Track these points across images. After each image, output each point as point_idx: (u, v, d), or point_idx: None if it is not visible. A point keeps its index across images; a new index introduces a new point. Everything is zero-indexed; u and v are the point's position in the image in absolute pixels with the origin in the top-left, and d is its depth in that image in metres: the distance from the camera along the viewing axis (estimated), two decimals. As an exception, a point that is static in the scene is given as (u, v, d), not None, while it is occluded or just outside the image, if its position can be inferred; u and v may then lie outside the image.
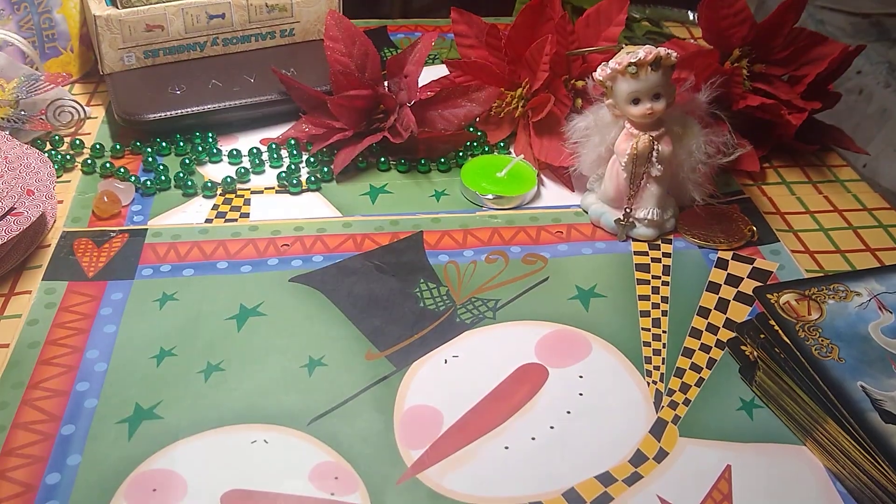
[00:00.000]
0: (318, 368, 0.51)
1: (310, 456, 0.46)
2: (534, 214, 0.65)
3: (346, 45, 0.69)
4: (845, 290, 0.51)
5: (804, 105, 0.69)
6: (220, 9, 0.73)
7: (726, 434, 0.48)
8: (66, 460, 0.45)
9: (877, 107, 1.32)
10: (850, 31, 1.42)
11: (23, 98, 0.67)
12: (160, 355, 0.51)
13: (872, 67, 1.35)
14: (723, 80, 0.62)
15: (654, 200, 0.61)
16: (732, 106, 0.68)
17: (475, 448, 0.47)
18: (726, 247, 0.62)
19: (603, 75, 0.58)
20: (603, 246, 0.62)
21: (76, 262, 0.58)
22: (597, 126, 0.62)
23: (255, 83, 0.72)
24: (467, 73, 0.71)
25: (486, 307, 0.56)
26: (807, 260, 0.62)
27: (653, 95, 0.57)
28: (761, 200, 0.68)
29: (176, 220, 0.62)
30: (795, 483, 0.46)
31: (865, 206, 0.68)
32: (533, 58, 0.67)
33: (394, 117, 0.67)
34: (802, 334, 0.48)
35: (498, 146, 0.72)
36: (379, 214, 0.64)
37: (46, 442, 0.45)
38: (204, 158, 0.69)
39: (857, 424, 0.43)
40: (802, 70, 0.70)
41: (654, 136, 0.59)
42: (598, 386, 0.51)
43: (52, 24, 0.75)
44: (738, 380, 0.52)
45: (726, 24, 0.69)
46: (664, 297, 0.57)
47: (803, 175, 0.72)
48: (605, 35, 0.70)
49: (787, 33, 0.70)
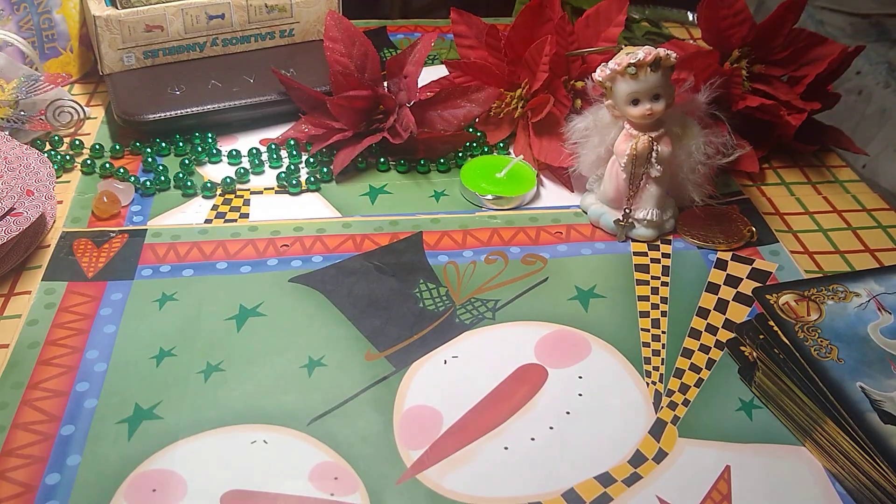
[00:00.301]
0: (318, 369, 0.51)
1: (309, 456, 0.46)
2: (533, 215, 0.65)
3: (346, 45, 0.69)
4: (844, 290, 0.51)
5: (803, 106, 0.69)
6: (220, 9, 0.73)
7: (725, 434, 0.48)
8: (66, 460, 0.45)
9: (876, 107, 1.32)
10: (850, 31, 1.42)
11: (23, 98, 0.67)
12: (160, 355, 0.51)
13: (872, 68, 1.35)
14: (722, 80, 0.62)
15: (653, 201, 0.61)
16: (732, 106, 0.68)
17: (475, 448, 0.47)
18: (725, 247, 0.62)
19: (602, 76, 0.58)
20: (602, 246, 0.62)
21: (76, 262, 0.58)
22: (596, 127, 0.62)
23: (254, 83, 0.72)
24: (467, 73, 0.71)
25: (486, 307, 0.56)
26: (806, 260, 0.62)
27: (652, 96, 0.57)
28: (760, 201, 0.68)
29: (175, 221, 0.62)
30: (794, 483, 0.46)
31: (865, 207, 0.68)
32: (532, 58, 0.67)
33: (393, 118, 0.67)
34: (802, 335, 0.48)
35: (497, 147, 0.72)
36: (378, 215, 0.64)
37: (46, 442, 0.45)
38: (203, 159, 0.69)
39: (856, 425, 0.44)
40: (802, 71, 0.71)
41: (653, 137, 0.59)
42: (597, 386, 0.51)
43: (51, 25, 0.75)
44: (738, 380, 0.52)
45: (726, 24, 0.69)
46: (663, 297, 0.57)
47: (803, 176, 0.72)
48: (605, 36, 0.70)
49: (787, 34, 0.70)
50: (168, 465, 0.45)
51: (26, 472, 0.44)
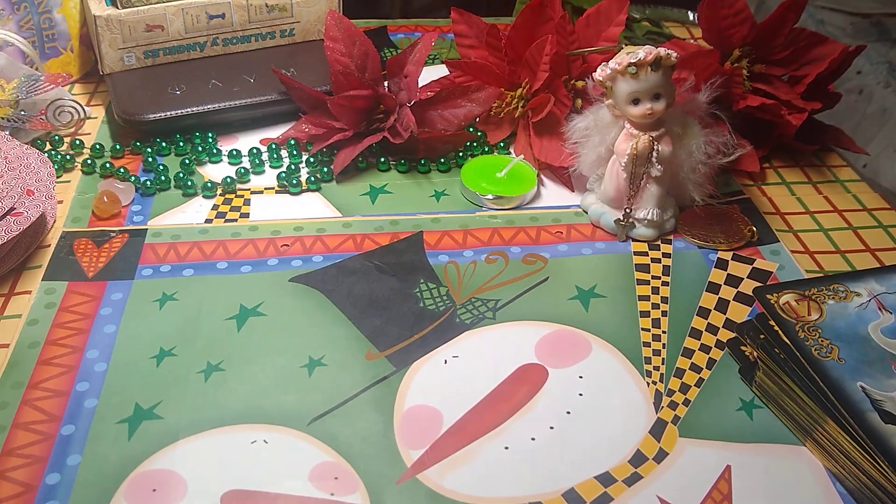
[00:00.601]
0: (318, 368, 0.51)
1: (309, 456, 0.46)
2: (534, 215, 0.65)
3: (346, 45, 0.69)
4: (845, 290, 0.51)
5: (804, 105, 0.69)
6: (220, 9, 0.73)
7: (726, 434, 0.48)
8: (66, 460, 0.45)
9: (877, 107, 1.32)
10: (851, 31, 1.42)
11: (23, 98, 0.67)
12: (160, 355, 0.51)
13: (873, 67, 1.35)
14: (723, 80, 0.62)
15: (653, 201, 0.61)
16: (732, 106, 0.68)
17: (475, 448, 0.47)
18: (726, 247, 0.62)
19: (603, 75, 0.58)
20: (603, 246, 0.62)
21: (76, 262, 0.58)
22: (597, 126, 0.62)
23: (255, 83, 0.72)
24: (467, 73, 0.71)
25: (486, 307, 0.56)
26: (807, 260, 0.62)
27: (653, 96, 0.57)
28: (761, 201, 0.68)
29: (176, 221, 0.62)
30: (795, 483, 0.46)
31: (865, 207, 0.68)
32: (533, 58, 0.67)
33: (394, 117, 0.67)
34: (802, 335, 0.48)
35: (498, 146, 0.72)
36: (379, 214, 0.64)
37: (46, 442, 0.45)
38: (204, 158, 0.69)
39: (856, 425, 0.43)
40: (802, 70, 0.70)
41: (653, 137, 0.59)
42: (597, 386, 0.51)
43: (52, 24, 0.75)
44: (738, 380, 0.52)
45: (726, 24, 0.69)
46: (664, 297, 0.57)
47: (803, 175, 0.72)
48: (605, 35, 0.70)
49: (788, 33, 0.70)
50: (168, 464, 0.45)
51: (26, 472, 0.44)
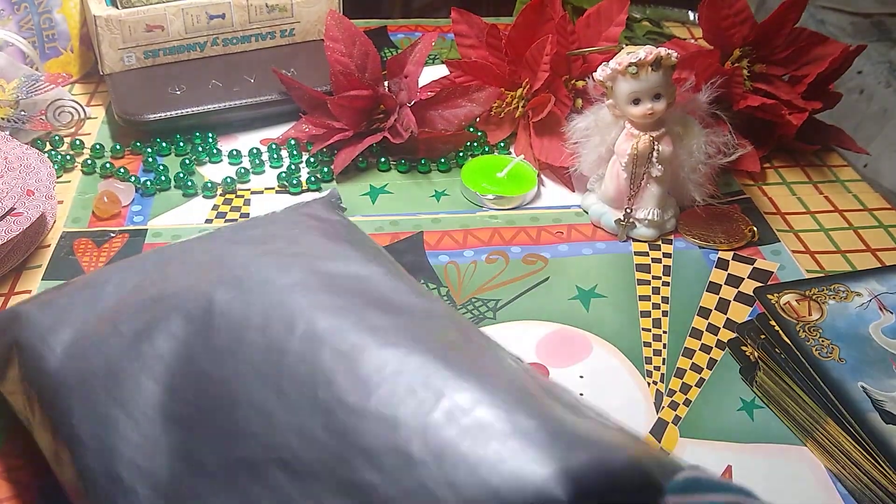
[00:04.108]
0: (319, 369, 0.51)
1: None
2: (534, 215, 0.65)
3: (347, 45, 0.69)
4: (846, 290, 0.51)
5: (805, 105, 0.69)
6: (220, 9, 0.73)
7: (727, 434, 0.48)
8: (66, 461, 0.45)
9: (878, 107, 1.32)
10: (851, 30, 1.42)
11: (23, 98, 0.67)
12: (160, 356, 0.51)
13: (873, 67, 1.35)
14: (723, 80, 0.62)
15: (654, 201, 0.61)
16: (733, 106, 0.68)
17: (475, 448, 0.47)
18: (727, 247, 0.62)
19: (603, 75, 0.58)
20: (603, 246, 0.62)
21: (76, 262, 0.58)
22: (597, 126, 0.62)
23: (255, 83, 0.72)
24: (467, 73, 0.71)
25: (487, 307, 0.56)
26: (807, 260, 0.61)
27: (653, 96, 0.57)
28: (762, 201, 0.68)
29: (176, 221, 0.62)
30: (796, 483, 0.46)
31: (866, 207, 0.68)
32: (533, 58, 0.67)
33: (394, 117, 0.67)
34: (803, 335, 0.48)
35: (498, 146, 0.72)
36: (379, 214, 0.64)
37: (46, 442, 0.45)
38: (204, 158, 0.69)
39: (857, 425, 0.43)
40: (803, 70, 0.70)
41: (654, 137, 0.59)
42: (598, 386, 0.51)
43: (52, 25, 0.75)
44: (739, 380, 0.52)
45: (727, 24, 0.69)
46: (665, 297, 0.57)
47: (804, 175, 0.72)
48: (606, 35, 0.70)
49: (788, 33, 0.69)
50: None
51: (26, 472, 0.44)
